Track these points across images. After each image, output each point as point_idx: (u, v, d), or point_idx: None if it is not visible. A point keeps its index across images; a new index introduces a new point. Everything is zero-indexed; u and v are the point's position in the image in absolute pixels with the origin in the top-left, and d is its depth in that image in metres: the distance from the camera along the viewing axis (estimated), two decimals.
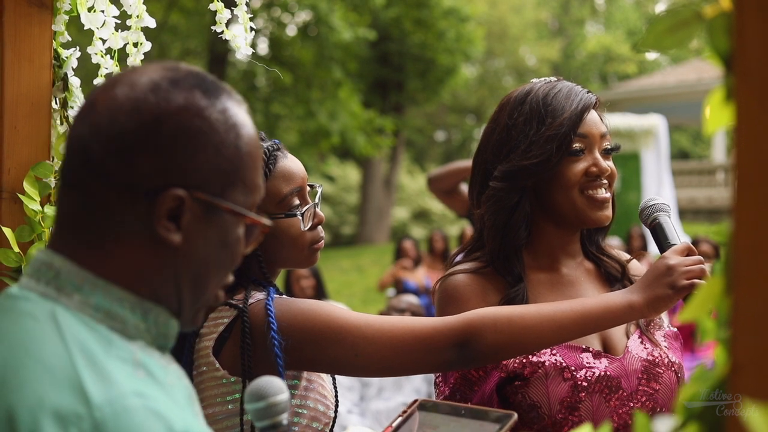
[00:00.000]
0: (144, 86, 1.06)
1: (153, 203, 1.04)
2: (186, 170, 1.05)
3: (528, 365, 1.80)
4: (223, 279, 1.14)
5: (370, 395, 5.26)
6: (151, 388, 1.00)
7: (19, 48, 2.04)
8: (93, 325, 1.03)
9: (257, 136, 1.15)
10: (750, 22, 0.74)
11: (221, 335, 1.73)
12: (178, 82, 1.07)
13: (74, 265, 1.05)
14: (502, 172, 1.90)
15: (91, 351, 0.99)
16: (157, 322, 1.09)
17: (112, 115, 1.05)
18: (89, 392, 0.94)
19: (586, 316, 1.69)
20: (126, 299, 1.06)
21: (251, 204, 1.13)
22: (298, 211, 1.84)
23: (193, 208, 1.06)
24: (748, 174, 0.74)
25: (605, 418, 1.79)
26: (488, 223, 1.93)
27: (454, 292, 1.91)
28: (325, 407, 1.82)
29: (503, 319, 1.67)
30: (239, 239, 1.12)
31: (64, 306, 1.03)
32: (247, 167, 1.11)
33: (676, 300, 1.71)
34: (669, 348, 1.93)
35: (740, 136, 0.74)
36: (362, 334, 1.67)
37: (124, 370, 0.99)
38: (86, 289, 1.05)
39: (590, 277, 2.00)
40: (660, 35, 0.85)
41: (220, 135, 1.07)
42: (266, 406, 1.20)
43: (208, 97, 1.08)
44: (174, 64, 1.11)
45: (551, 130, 1.87)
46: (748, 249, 0.74)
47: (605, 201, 1.90)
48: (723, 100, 0.79)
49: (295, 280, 6.81)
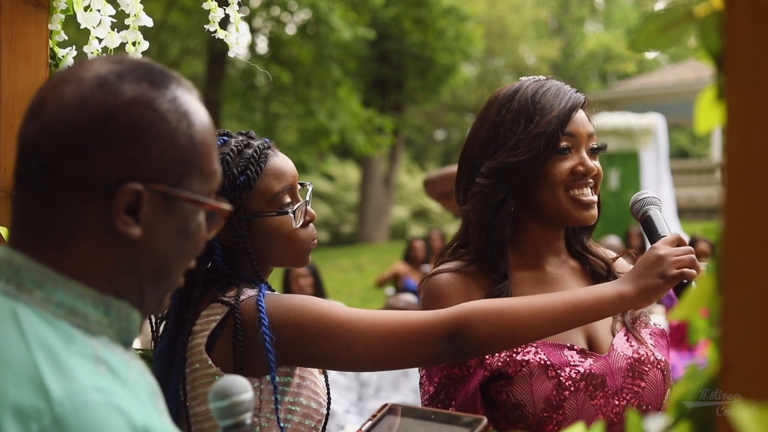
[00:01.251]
0: (91, 82, 1.06)
1: (110, 198, 1.04)
2: (140, 163, 1.05)
3: (512, 364, 1.80)
4: (185, 267, 1.14)
5: (368, 395, 5.26)
6: (112, 384, 1.00)
7: (16, 47, 2.04)
8: (54, 322, 1.02)
9: (209, 121, 1.14)
10: (740, 21, 0.74)
11: (213, 332, 1.74)
12: (125, 75, 1.07)
13: (34, 261, 1.05)
14: (488, 168, 1.90)
15: (51, 347, 0.99)
16: (119, 316, 1.09)
17: (62, 114, 1.05)
18: (49, 388, 0.94)
19: (577, 306, 1.68)
20: (87, 295, 1.06)
21: (209, 190, 1.13)
22: (290, 209, 1.85)
23: (151, 201, 1.06)
24: (739, 173, 0.74)
25: (590, 416, 1.80)
26: (473, 220, 1.93)
27: (438, 291, 1.91)
28: (318, 405, 1.82)
29: (494, 311, 1.67)
30: (200, 226, 1.12)
31: (25, 303, 1.03)
32: (202, 154, 1.10)
33: (666, 289, 1.71)
34: (655, 346, 1.93)
35: (731, 135, 0.74)
36: (354, 328, 1.67)
37: (85, 366, 0.99)
38: (47, 285, 1.04)
39: (575, 275, 2.00)
40: (652, 35, 0.85)
41: (171, 125, 1.07)
42: (230, 405, 1.20)
43: (156, 88, 1.08)
44: (120, 57, 1.11)
45: (539, 127, 1.87)
46: (738, 247, 0.74)
47: (591, 203, 1.91)
48: (714, 98, 0.79)
49: (293, 279, 6.81)
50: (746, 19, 0.74)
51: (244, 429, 1.20)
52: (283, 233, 1.84)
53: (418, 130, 30.73)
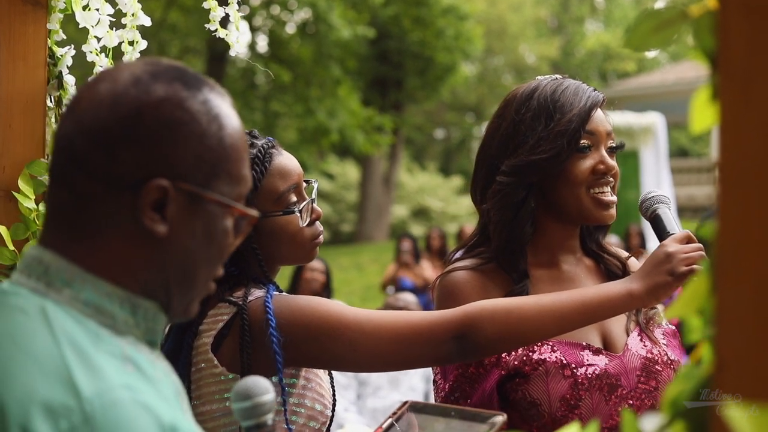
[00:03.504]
0: (125, 80, 1.07)
1: (137, 195, 1.05)
2: (169, 161, 1.06)
3: (528, 362, 1.80)
4: (212, 272, 1.14)
5: (367, 393, 5.26)
6: (139, 382, 1.01)
7: (14, 46, 2.04)
8: (82, 320, 1.03)
9: (242, 128, 1.14)
10: (734, 20, 0.74)
11: (220, 332, 1.74)
12: (158, 75, 1.08)
13: (64, 260, 1.06)
14: (509, 167, 1.89)
15: (80, 345, 1.00)
16: (146, 317, 1.09)
17: (95, 110, 1.06)
18: (79, 385, 0.95)
19: (586, 305, 1.68)
20: (115, 294, 1.06)
21: (238, 195, 1.13)
22: (296, 208, 1.84)
23: (178, 199, 1.06)
24: (733, 172, 0.74)
25: (605, 416, 1.79)
26: (494, 218, 1.92)
27: (453, 288, 1.90)
28: (323, 406, 1.82)
29: (502, 311, 1.67)
30: (227, 231, 1.12)
31: (54, 301, 1.04)
32: (232, 158, 1.11)
33: (675, 287, 1.70)
34: (668, 346, 1.94)
35: (725, 135, 0.74)
36: (361, 329, 1.67)
37: (113, 364, 1.00)
38: (76, 284, 1.05)
39: (590, 273, 2.00)
40: (646, 34, 0.85)
41: (201, 126, 1.08)
42: (252, 406, 1.20)
43: (188, 89, 1.09)
44: (155, 59, 1.12)
45: (560, 125, 1.87)
46: (732, 247, 0.74)
47: (612, 203, 1.91)
48: (709, 98, 0.79)
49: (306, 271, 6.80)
50: (740, 18, 0.74)
51: (265, 429, 1.21)
52: (289, 232, 1.84)
53: (417, 128, 30.70)
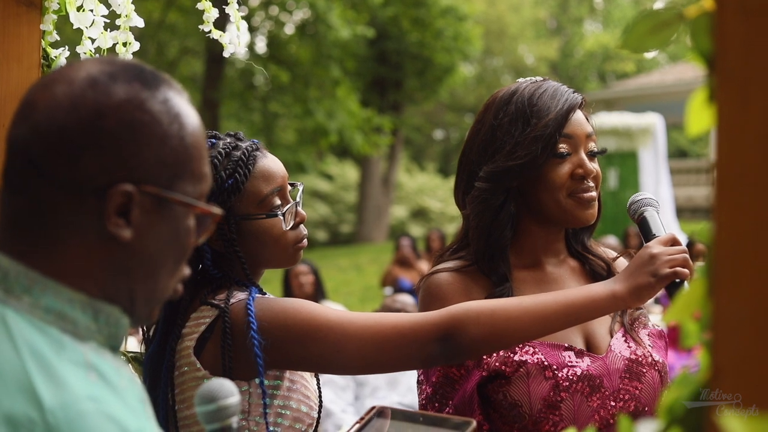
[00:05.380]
0: (82, 82, 1.04)
1: (101, 200, 1.02)
2: (132, 165, 1.03)
3: (510, 364, 1.80)
4: (176, 272, 1.13)
5: (365, 394, 5.25)
6: (104, 392, 0.98)
7: (8, 48, 2.04)
8: (43, 328, 1.00)
9: (200, 124, 1.12)
10: (731, 22, 0.73)
11: (202, 335, 1.73)
12: (116, 76, 1.05)
13: (22, 265, 1.03)
14: (487, 172, 1.89)
15: (42, 354, 0.97)
16: (108, 321, 1.07)
17: (52, 114, 1.02)
18: (42, 397, 0.93)
19: (569, 306, 1.67)
20: (76, 299, 1.04)
21: (200, 194, 1.11)
22: (279, 211, 1.83)
23: (143, 203, 1.04)
24: (729, 175, 0.73)
25: (586, 417, 1.79)
26: (473, 224, 1.92)
27: (437, 290, 1.90)
28: (309, 408, 1.81)
29: (486, 312, 1.66)
30: (190, 230, 1.11)
31: (14, 309, 1.00)
32: (193, 157, 1.09)
33: (658, 288, 1.70)
34: (653, 347, 1.93)
35: (721, 137, 0.74)
36: (344, 331, 1.66)
37: (77, 374, 0.98)
38: (36, 290, 1.02)
39: (575, 274, 1.99)
40: (643, 35, 0.85)
41: (163, 126, 1.06)
42: (216, 409, 1.19)
43: (148, 89, 1.06)
44: (111, 58, 1.10)
45: (536, 130, 1.86)
46: (729, 251, 0.73)
47: (591, 200, 1.90)
48: (706, 100, 0.78)
49: (293, 277, 6.79)
50: (737, 20, 0.73)
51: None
52: (272, 235, 1.83)
53: (416, 129, 30.73)
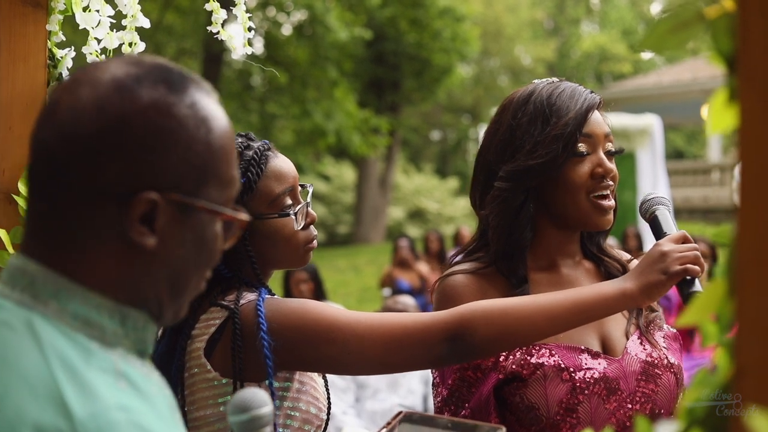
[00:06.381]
0: (107, 85, 1.01)
1: (125, 208, 1.00)
2: (157, 171, 1.00)
3: (527, 366, 1.80)
4: (202, 276, 1.10)
5: (366, 396, 5.25)
6: (134, 400, 0.97)
7: (14, 48, 2.03)
8: (71, 335, 0.98)
9: (229, 126, 1.10)
10: (753, 23, 0.73)
11: (212, 337, 1.72)
12: (142, 79, 1.02)
13: (49, 271, 1.01)
14: (507, 172, 1.89)
15: (71, 362, 0.95)
16: (135, 327, 1.05)
17: (76, 118, 1.00)
18: (71, 406, 0.91)
19: (579, 305, 1.67)
20: (103, 306, 1.02)
21: (227, 198, 1.09)
22: (291, 211, 1.83)
23: (167, 210, 1.01)
24: (753, 177, 0.73)
25: (603, 420, 1.79)
26: (493, 224, 1.91)
27: (452, 292, 1.89)
28: (318, 410, 1.80)
29: (496, 311, 1.66)
30: (216, 236, 1.09)
31: (41, 314, 0.99)
32: (221, 161, 1.06)
33: (669, 286, 1.70)
34: (668, 349, 1.93)
35: (744, 139, 0.74)
36: (354, 331, 1.66)
37: (106, 382, 0.96)
38: (63, 296, 1.00)
39: (590, 276, 1.99)
40: (662, 36, 0.84)
41: (189, 131, 1.02)
42: (250, 419, 1.18)
43: (174, 92, 1.03)
44: (137, 58, 1.06)
45: (556, 129, 1.86)
46: (752, 252, 0.73)
47: (610, 208, 1.91)
48: (726, 101, 0.78)
49: (294, 284, 6.78)
50: (759, 20, 0.73)
51: None
52: (284, 235, 1.83)
53: (414, 130, 30.72)
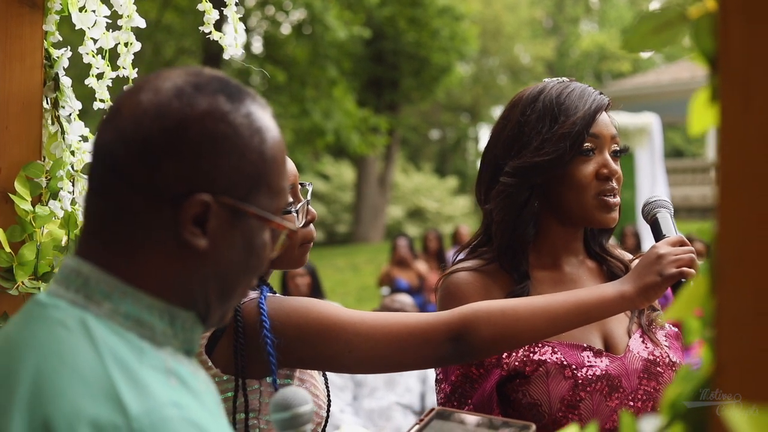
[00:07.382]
0: (168, 91, 1.06)
1: (179, 209, 1.04)
2: (211, 175, 1.05)
3: (529, 363, 1.81)
4: (251, 282, 1.14)
5: (363, 395, 5.25)
6: (185, 397, 1.00)
7: (10, 48, 2.04)
8: (123, 334, 1.03)
9: (281, 139, 1.14)
10: (733, 22, 0.74)
11: (214, 334, 1.73)
12: (201, 87, 1.07)
13: (102, 272, 1.05)
14: (513, 167, 1.90)
15: (124, 360, 0.99)
16: (184, 327, 1.09)
17: (137, 121, 1.05)
18: (126, 403, 0.94)
19: (579, 306, 1.69)
20: (154, 306, 1.06)
21: (276, 208, 1.13)
22: (292, 209, 1.84)
23: (219, 213, 1.06)
24: (732, 175, 0.74)
25: (605, 417, 1.80)
26: (497, 218, 1.93)
27: (456, 289, 1.91)
28: (318, 407, 1.81)
29: (497, 312, 1.67)
30: (265, 244, 1.13)
31: (94, 314, 1.03)
32: (272, 171, 1.11)
33: (665, 287, 1.71)
34: (670, 348, 1.95)
35: (724, 136, 0.74)
36: (356, 330, 1.67)
37: (158, 380, 1.00)
38: (116, 296, 1.04)
39: (593, 275, 2.01)
40: (645, 35, 0.85)
41: (244, 139, 1.07)
42: (291, 417, 1.21)
43: (232, 102, 1.08)
44: (198, 69, 1.12)
45: (564, 128, 1.88)
46: (732, 249, 0.74)
47: (615, 205, 1.92)
48: (708, 100, 0.79)
49: (290, 279, 6.80)
50: (739, 20, 0.74)
51: None
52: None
53: (413, 129, 30.72)
